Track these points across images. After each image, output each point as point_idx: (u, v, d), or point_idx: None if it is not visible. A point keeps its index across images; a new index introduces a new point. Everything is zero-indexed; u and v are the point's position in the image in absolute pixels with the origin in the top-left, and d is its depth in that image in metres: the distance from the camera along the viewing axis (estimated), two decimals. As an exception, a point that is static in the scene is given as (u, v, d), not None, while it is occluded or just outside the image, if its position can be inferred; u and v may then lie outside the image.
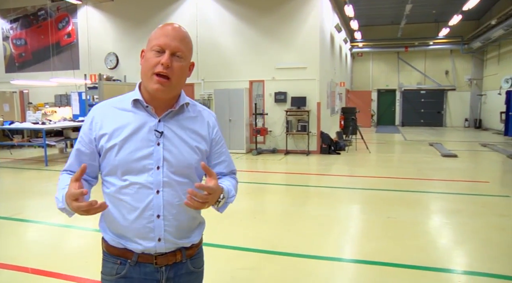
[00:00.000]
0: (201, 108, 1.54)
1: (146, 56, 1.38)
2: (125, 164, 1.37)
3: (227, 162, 1.59)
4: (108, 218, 1.44)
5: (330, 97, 13.11)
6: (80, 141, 1.44)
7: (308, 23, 10.83)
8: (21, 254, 4.06)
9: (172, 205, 1.40)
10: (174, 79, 1.36)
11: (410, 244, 4.25)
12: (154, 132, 1.39)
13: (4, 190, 7.38)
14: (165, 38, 1.35)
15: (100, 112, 1.43)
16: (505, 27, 14.06)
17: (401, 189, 6.88)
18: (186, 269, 1.49)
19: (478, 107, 20.84)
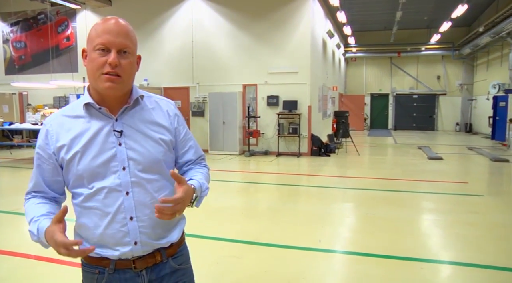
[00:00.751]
0: (158, 99, 1.49)
1: (91, 56, 1.31)
2: (89, 170, 1.32)
3: (194, 147, 1.55)
4: (81, 229, 1.39)
5: (321, 101, 13.49)
6: (39, 158, 1.38)
7: (300, 29, 11.22)
8: (24, 244, 4.40)
9: (144, 205, 1.35)
10: (124, 76, 1.31)
11: (383, 237, 4.62)
12: (113, 133, 1.34)
13: (5, 187, 7.72)
14: (108, 36, 1.28)
15: (53, 125, 1.37)
16: (491, 35, 14.49)
17: (384, 189, 7.25)
18: (170, 268, 1.45)
19: (468, 112, 21.29)
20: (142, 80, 12.41)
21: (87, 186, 1.33)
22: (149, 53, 12.60)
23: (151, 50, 12.63)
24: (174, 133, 1.46)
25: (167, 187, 1.42)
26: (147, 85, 12.33)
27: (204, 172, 1.53)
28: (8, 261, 3.92)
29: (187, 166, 1.55)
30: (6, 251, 4.15)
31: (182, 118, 1.53)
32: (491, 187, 7.84)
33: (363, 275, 3.62)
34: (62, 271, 3.66)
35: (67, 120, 1.36)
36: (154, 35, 12.58)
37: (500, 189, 7.64)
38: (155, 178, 1.38)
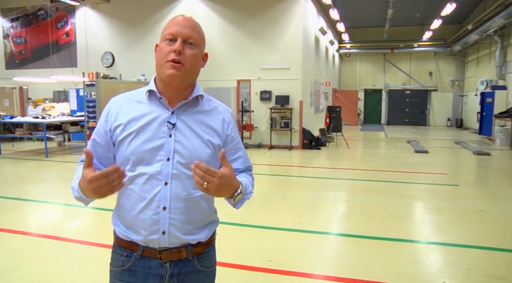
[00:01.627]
0: (216, 104, 1.53)
1: (159, 47, 1.41)
2: (136, 154, 1.38)
3: (243, 158, 1.58)
4: (119, 208, 1.46)
5: (314, 96, 13.91)
6: (96, 132, 1.47)
7: (292, 26, 11.63)
8: (28, 225, 4.85)
9: (179, 198, 1.39)
10: (187, 65, 1.37)
11: (359, 220, 5.08)
12: (166, 124, 1.40)
13: (10, 176, 8.14)
14: (177, 27, 1.38)
15: (116, 105, 1.45)
16: (479, 33, 14.91)
17: (368, 179, 7.70)
18: (193, 267, 1.47)
19: (459, 108, 21.77)
20: (139, 75, 12.81)
21: (131, 168, 1.39)
22: (147, 50, 12.97)
23: (149, 47, 12.99)
24: (224, 140, 1.49)
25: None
26: (144, 80, 12.72)
27: (250, 178, 1.56)
28: (15, 239, 4.37)
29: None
30: (13, 230, 4.60)
31: (236, 127, 1.56)
32: (467, 177, 8.31)
33: (337, 250, 4.08)
34: (63, 246, 4.11)
35: (129, 103, 1.44)
36: (151, 32, 12.95)
37: (475, 179, 8.13)
38: None
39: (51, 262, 3.74)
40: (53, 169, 8.83)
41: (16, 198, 6.12)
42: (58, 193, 6.63)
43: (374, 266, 3.69)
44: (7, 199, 6.10)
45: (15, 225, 4.84)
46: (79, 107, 13.19)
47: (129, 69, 13.19)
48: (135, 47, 13.32)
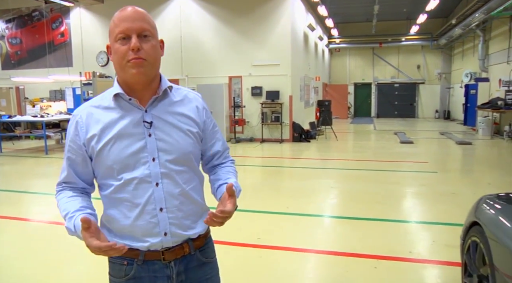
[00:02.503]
0: (185, 91, 1.49)
1: (113, 48, 1.31)
2: (119, 161, 1.33)
3: (221, 140, 1.58)
4: (109, 220, 1.41)
5: (303, 91, 14.38)
6: (69, 150, 1.39)
7: (281, 24, 12.06)
8: (31, 212, 5.29)
9: (173, 196, 1.37)
10: (149, 59, 1.31)
11: (342, 203, 5.57)
12: (143, 124, 1.35)
13: (14, 172, 8.55)
14: (126, 23, 1.28)
15: (83, 116, 1.37)
16: (462, 27, 15.43)
17: (353, 168, 8.19)
18: (197, 260, 1.47)
19: (447, 100, 22.35)
20: (134, 73, 13.19)
21: (117, 176, 1.34)
22: (140, 48, 13.34)
23: (142, 45, 13.38)
24: (202, 127, 1.47)
25: (195, 178, 1.45)
26: (139, 78, 13.10)
27: (233, 170, 1.58)
28: (20, 225, 4.81)
29: (216, 160, 1.58)
30: (18, 217, 5.04)
31: (209, 111, 1.55)
32: (446, 165, 8.82)
33: (320, 229, 4.57)
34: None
35: (96, 111, 1.37)
36: (145, 31, 13.31)
37: (452, 166, 8.66)
38: (184, 170, 1.39)
39: (53, 244, 4.20)
40: (53, 165, 9.23)
41: (19, 191, 6.55)
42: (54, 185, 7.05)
43: (351, 241, 4.17)
44: (12, 192, 6.54)
45: (19, 212, 5.29)
46: (76, 106, 13.54)
47: (124, 68, 13.56)
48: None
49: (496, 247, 2.19)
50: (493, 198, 2.64)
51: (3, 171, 8.79)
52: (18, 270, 3.59)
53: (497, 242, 2.19)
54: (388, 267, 3.54)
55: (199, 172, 1.48)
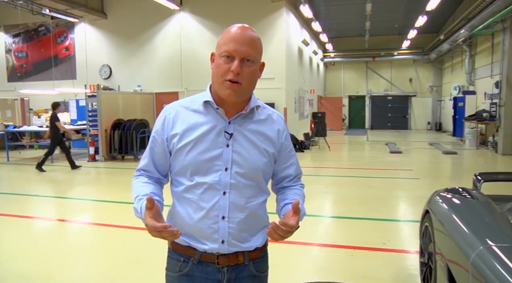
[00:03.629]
0: (270, 112, 1.53)
1: (216, 62, 1.39)
2: (195, 164, 1.39)
3: (295, 165, 1.61)
4: (175, 216, 1.47)
5: (298, 103, 14.99)
6: (152, 141, 1.48)
7: (275, 40, 12.72)
8: (40, 212, 5.82)
9: (237, 207, 1.41)
10: (245, 84, 1.36)
11: (330, 205, 6.12)
12: (224, 134, 1.40)
13: (23, 179, 9.07)
14: (234, 44, 1.34)
15: (171, 113, 1.46)
16: (450, 43, 16.15)
17: (342, 175, 8.75)
18: (249, 272, 1.48)
19: (438, 112, 23.02)
20: (136, 86, 13.81)
21: (189, 177, 1.41)
22: (142, 62, 14.00)
23: (144, 59, 14.03)
24: (279, 148, 1.51)
25: (261, 195, 1.49)
26: (140, 90, 13.72)
27: (302, 194, 1.61)
28: (26, 222, 5.34)
29: (286, 182, 1.61)
30: (29, 216, 5.57)
31: (289, 134, 1.58)
32: (429, 172, 9.39)
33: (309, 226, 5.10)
34: (79, 228, 5.09)
35: (185, 112, 1.45)
36: (147, 45, 13.98)
37: (435, 174, 9.23)
38: (252, 184, 1.43)
39: (60, 238, 4.74)
40: (60, 172, 9.76)
41: (34, 195, 7.08)
42: (67, 190, 7.59)
43: (334, 235, 4.73)
44: (21, 195, 7.07)
45: (29, 212, 5.82)
46: (79, 117, 14.10)
47: (126, 81, 14.18)
48: (131, 60, 14.33)
49: (436, 228, 2.75)
50: (443, 190, 3.21)
51: (12, 177, 9.32)
52: (21, 261, 4.12)
53: (437, 224, 2.75)
54: (363, 255, 4.08)
55: (267, 189, 1.53)
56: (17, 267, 3.85)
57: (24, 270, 3.79)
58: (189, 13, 13.55)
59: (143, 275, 3.62)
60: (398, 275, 3.57)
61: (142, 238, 4.07)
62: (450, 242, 2.42)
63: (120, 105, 11.87)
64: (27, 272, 3.73)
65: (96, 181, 9.21)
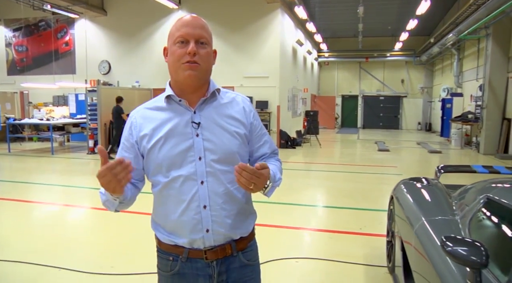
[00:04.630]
0: (234, 94, 1.56)
1: (171, 50, 1.41)
2: (168, 159, 1.40)
3: (269, 142, 1.62)
4: (158, 215, 1.50)
5: (291, 101, 15.48)
6: (122, 147, 1.49)
7: (270, 40, 13.19)
8: (40, 197, 6.27)
9: (217, 194, 1.42)
10: (203, 64, 1.38)
11: (316, 196, 6.61)
12: (191, 124, 1.42)
13: (26, 169, 9.50)
14: (187, 28, 1.38)
15: (137, 116, 1.48)
16: (439, 46, 16.69)
17: (330, 170, 9.25)
18: (239, 262, 1.50)
19: (428, 113, 23.61)
20: (134, 82, 14.22)
21: (165, 174, 1.42)
22: (141, 59, 14.41)
23: (143, 56, 14.44)
24: (249, 128, 1.53)
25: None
26: (138, 86, 14.14)
27: (277, 164, 1.60)
28: (31, 207, 5.80)
29: (261, 159, 1.61)
30: (32, 200, 6.02)
31: (257, 114, 1.59)
32: (412, 169, 9.91)
33: (297, 214, 5.60)
34: (73, 211, 5.56)
35: (149, 112, 1.47)
36: (146, 42, 14.39)
37: (417, 170, 9.75)
38: (229, 169, 1.42)
39: (58, 220, 5.20)
40: (60, 163, 10.19)
41: (38, 183, 7.52)
42: (67, 179, 8.03)
43: (316, 221, 5.21)
44: (26, 184, 7.51)
45: (30, 197, 6.28)
46: (78, 111, 14.50)
47: (124, 76, 14.59)
48: (129, 56, 14.74)
49: (397, 210, 3.24)
50: (408, 179, 3.70)
51: (14, 168, 9.73)
52: (19, 238, 4.58)
53: (397, 206, 3.24)
54: (341, 238, 4.59)
55: None
56: (16, 246, 4.32)
57: (24, 248, 4.25)
58: (187, 12, 13.92)
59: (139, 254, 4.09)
60: (369, 253, 4.06)
61: (139, 221, 4.54)
62: (404, 220, 2.91)
63: (119, 100, 12.27)
64: (26, 251, 4.19)
65: (95, 171, 9.60)
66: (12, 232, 4.79)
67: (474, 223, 2.25)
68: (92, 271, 3.59)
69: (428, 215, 2.61)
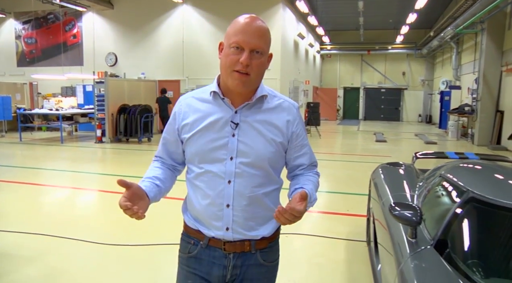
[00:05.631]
0: (281, 100, 1.53)
1: (225, 52, 1.40)
2: (201, 152, 1.44)
3: (309, 154, 1.60)
4: (188, 199, 1.55)
5: (292, 93, 15.88)
6: (166, 130, 1.56)
7: (272, 33, 13.26)
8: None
9: (242, 196, 1.43)
10: (253, 75, 1.38)
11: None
12: (230, 124, 1.42)
13: (39, 157, 10.03)
14: (244, 36, 1.35)
15: (183, 104, 1.52)
16: (438, 39, 16.99)
17: (328, 159, 9.70)
18: (255, 260, 1.51)
19: (429, 105, 23.93)
20: (140, 74, 14.68)
21: (198, 165, 1.46)
22: (146, 51, 14.86)
23: (148, 48, 14.89)
24: (289, 137, 1.51)
25: (269, 185, 1.49)
26: (144, 78, 14.60)
27: (314, 180, 1.59)
28: (46, 189, 6.32)
29: (299, 170, 1.61)
30: (44, 184, 6.54)
31: (302, 123, 1.56)
32: (405, 158, 10.24)
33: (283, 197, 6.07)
34: (82, 193, 6.06)
35: (195, 102, 1.50)
36: (151, 35, 14.83)
37: (410, 159, 10.15)
38: (258, 174, 1.44)
39: (60, 200, 5.70)
40: (70, 151, 10.71)
41: (51, 169, 8.04)
42: (78, 165, 8.55)
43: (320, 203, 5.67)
44: (40, 169, 8.03)
45: (42, 181, 6.80)
46: (85, 101, 14.99)
47: (130, 68, 15.06)
48: (136, 48, 15.18)
49: (372, 191, 3.70)
50: (386, 164, 4.15)
51: (28, 155, 10.27)
52: (15, 215, 5.08)
53: (373, 188, 3.70)
54: (328, 217, 5.07)
55: (277, 179, 1.54)
56: (38, 219, 4.83)
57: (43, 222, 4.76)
58: (191, 6, 14.37)
59: (149, 228, 4.58)
60: (352, 231, 4.54)
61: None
62: (376, 199, 3.37)
63: (126, 91, 12.75)
64: (43, 224, 4.70)
65: (103, 159, 10.15)
66: (29, 209, 5.29)
67: (425, 195, 2.71)
68: (105, 242, 4.08)
69: (394, 191, 3.07)
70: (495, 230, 2.03)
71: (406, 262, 1.95)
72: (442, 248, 1.96)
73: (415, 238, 2.12)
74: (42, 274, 3.42)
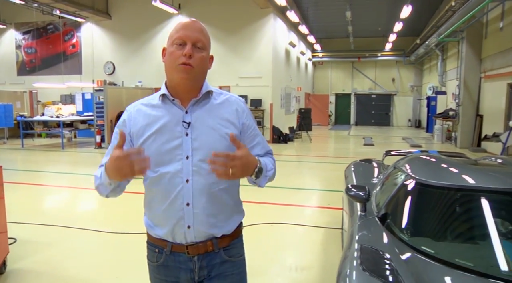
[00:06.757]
0: (227, 95, 1.57)
1: (168, 51, 1.45)
2: (156, 155, 1.44)
3: (261, 143, 1.62)
4: (147, 206, 1.58)
5: (284, 99, 16.50)
6: (115, 137, 1.49)
7: (263, 42, 14.22)
8: (54, 182, 7.31)
9: (201, 193, 1.46)
10: (197, 67, 1.42)
11: (301, 181, 7.65)
12: (182, 124, 1.45)
13: (41, 161, 10.54)
14: (185, 31, 1.42)
15: (133, 111, 1.53)
16: (424, 47, 17.72)
17: (315, 161, 10.30)
18: (220, 258, 1.54)
19: (418, 110, 24.64)
20: (137, 82, 15.26)
21: (153, 169, 1.46)
22: (143, 60, 15.44)
23: (145, 57, 15.47)
24: (241, 128, 1.54)
25: (226, 180, 1.45)
26: (141, 86, 15.17)
27: (269, 158, 1.63)
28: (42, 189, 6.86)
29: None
30: (47, 184, 7.07)
31: (251, 115, 1.60)
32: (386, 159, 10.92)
33: (287, 195, 6.66)
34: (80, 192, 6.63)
35: (144, 108, 1.53)
36: (147, 45, 15.42)
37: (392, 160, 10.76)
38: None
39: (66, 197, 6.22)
40: (71, 156, 11.24)
41: (53, 171, 8.56)
42: (80, 169, 9.08)
43: (296, 199, 6.25)
44: (44, 172, 8.55)
45: (45, 181, 7.33)
46: (84, 109, 15.51)
47: (128, 77, 15.63)
48: (133, 57, 15.76)
49: (344, 185, 4.27)
50: (358, 160, 4.73)
51: (30, 160, 10.78)
52: (29, 211, 5.62)
53: (344, 182, 4.27)
54: (311, 210, 5.63)
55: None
56: (50, 213, 5.36)
57: (53, 216, 5.30)
58: (187, 17, 14.99)
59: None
60: (331, 221, 5.11)
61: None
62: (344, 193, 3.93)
63: (124, 99, 13.29)
64: (37, 217, 5.24)
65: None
66: (40, 206, 5.82)
67: (383, 182, 3.29)
68: (108, 231, 4.62)
69: (358, 181, 3.64)
70: (427, 205, 2.60)
71: (354, 227, 2.53)
72: (385, 220, 2.53)
73: (364, 212, 2.70)
74: (60, 255, 3.97)
